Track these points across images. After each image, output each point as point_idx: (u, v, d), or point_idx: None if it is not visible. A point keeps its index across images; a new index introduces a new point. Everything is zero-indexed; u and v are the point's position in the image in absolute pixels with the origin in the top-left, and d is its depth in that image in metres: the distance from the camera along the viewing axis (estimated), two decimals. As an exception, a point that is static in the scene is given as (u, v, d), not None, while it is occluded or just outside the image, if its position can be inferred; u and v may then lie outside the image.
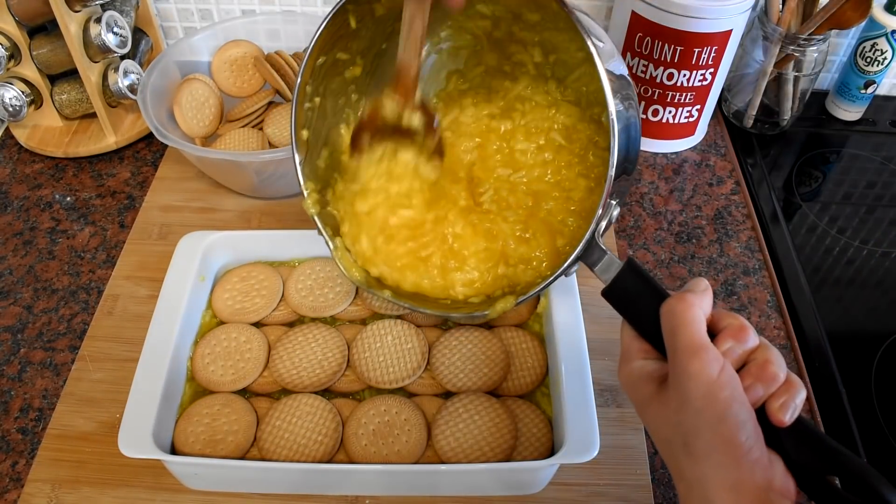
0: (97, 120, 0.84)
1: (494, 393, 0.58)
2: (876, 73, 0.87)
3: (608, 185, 0.46)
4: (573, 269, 0.49)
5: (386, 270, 0.58)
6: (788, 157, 0.88)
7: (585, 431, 0.51)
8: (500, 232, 0.58)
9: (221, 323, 0.63)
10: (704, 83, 0.80)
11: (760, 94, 0.85)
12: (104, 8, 0.77)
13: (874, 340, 0.69)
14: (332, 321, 0.64)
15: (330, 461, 0.54)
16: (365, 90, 0.61)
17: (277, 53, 0.82)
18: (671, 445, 0.39)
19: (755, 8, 0.80)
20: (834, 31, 0.79)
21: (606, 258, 0.47)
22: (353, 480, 0.55)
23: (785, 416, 0.38)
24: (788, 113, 0.87)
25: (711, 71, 0.78)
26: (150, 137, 0.87)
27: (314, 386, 0.58)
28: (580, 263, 0.49)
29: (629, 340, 0.45)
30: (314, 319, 0.63)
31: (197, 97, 0.79)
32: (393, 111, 0.56)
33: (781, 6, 0.80)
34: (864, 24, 0.83)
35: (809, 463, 0.38)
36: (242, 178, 0.74)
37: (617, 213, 0.48)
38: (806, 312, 0.70)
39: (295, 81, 0.56)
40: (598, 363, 0.62)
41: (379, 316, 0.63)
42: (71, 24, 0.74)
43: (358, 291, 0.64)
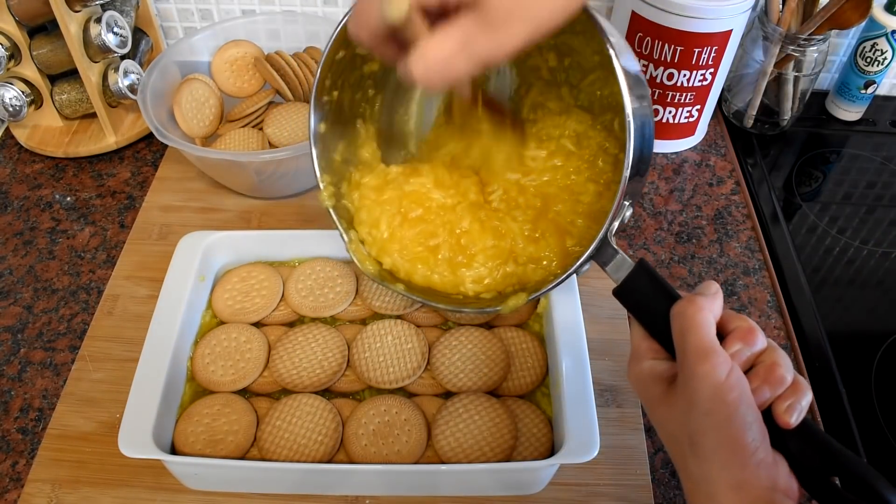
0: (97, 120, 0.84)
1: (494, 393, 0.58)
2: (876, 73, 0.87)
3: (623, 185, 0.46)
4: (585, 267, 0.49)
5: (398, 261, 0.58)
6: (788, 157, 0.88)
7: (585, 431, 0.51)
8: (508, 230, 0.58)
9: (221, 323, 0.63)
10: (704, 83, 0.80)
11: (760, 94, 0.85)
12: (104, 8, 0.77)
13: (874, 340, 0.69)
14: (332, 321, 0.64)
15: (330, 461, 0.54)
16: (382, 85, 0.61)
17: (277, 53, 0.82)
18: (678, 444, 0.40)
19: (755, 8, 0.80)
20: (834, 31, 0.79)
21: (618, 257, 0.47)
22: (353, 480, 0.55)
23: (791, 418, 0.38)
24: (788, 113, 0.87)
25: (711, 71, 0.78)
26: (150, 137, 0.87)
27: (314, 386, 0.58)
28: (592, 262, 0.49)
29: (639, 340, 0.45)
30: (314, 319, 0.63)
31: (197, 97, 0.79)
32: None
33: (781, 6, 0.80)
34: (864, 24, 0.83)
35: (812, 463, 0.38)
36: (242, 178, 0.74)
37: (630, 213, 0.48)
38: (806, 312, 0.70)
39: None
40: (598, 363, 0.62)
41: (379, 316, 0.63)
42: (71, 24, 0.74)
43: (358, 291, 0.64)
